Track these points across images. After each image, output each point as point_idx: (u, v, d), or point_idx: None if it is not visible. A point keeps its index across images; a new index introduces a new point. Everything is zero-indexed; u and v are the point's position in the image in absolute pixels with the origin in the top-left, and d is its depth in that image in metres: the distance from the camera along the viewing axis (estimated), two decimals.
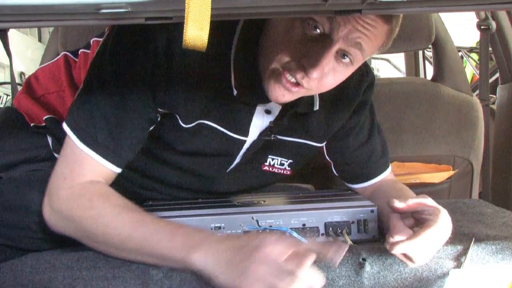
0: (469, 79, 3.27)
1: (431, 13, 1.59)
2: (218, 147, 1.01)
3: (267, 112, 1.00)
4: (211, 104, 0.95)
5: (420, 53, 2.90)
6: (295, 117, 1.03)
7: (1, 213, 0.93)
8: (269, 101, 0.95)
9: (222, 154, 1.04)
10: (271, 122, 1.01)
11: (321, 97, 1.03)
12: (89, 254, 0.88)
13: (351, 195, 1.16)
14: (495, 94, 1.86)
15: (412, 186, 1.18)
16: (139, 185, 1.08)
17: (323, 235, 0.95)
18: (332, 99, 1.05)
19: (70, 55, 1.16)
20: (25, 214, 0.93)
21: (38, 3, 0.53)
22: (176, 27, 0.86)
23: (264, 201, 1.09)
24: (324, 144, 1.13)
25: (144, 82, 0.90)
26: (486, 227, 1.04)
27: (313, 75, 0.84)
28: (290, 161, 1.11)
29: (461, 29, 3.36)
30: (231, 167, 1.07)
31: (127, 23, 0.87)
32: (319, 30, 0.84)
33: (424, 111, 1.67)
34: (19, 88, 1.45)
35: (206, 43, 0.52)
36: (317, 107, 1.03)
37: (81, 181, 0.89)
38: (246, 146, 1.03)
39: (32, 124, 1.09)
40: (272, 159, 1.10)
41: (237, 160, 1.06)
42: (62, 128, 1.07)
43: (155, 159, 1.04)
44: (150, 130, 0.97)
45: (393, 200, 0.87)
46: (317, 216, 0.96)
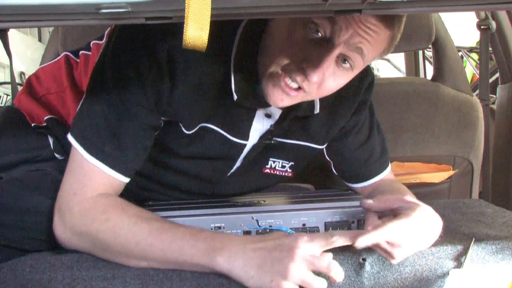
0: (469, 79, 3.27)
1: (431, 13, 1.59)
2: (219, 150, 1.01)
3: (268, 116, 1.00)
4: (212, 109, 0.95)
5: (420, 53, 2.90)
6: (295, 120, 1.03)
7: (1, 213, 0.92)
8: (269, 105, 0.95)
9: (223, 158, 1.04)
10: (271, 125, 1.01)
11: (322, 100, 1.02)
12: (89, 255, 0.88)
13: (351, 195, 1.16)
14: (495, 94, 1.86)
15: (412, 186, 1.18)
16: (140, 186, 1.08)
17: None
18: (333, 101, 1.05)
19: (71, 55, 1.16)
20: (26, 214, 0.92)
21: (38, 3, 0.53)
22: (176, 36, 0.86)
23: (264, 201, 1.09)
24: (325, 146, 1.13)
25: (147, 92, 0.89)
26: (486, 227, 1.04)
27: (313, 79, 0.83)
28: (291, 163, 1.11)
29: (461, 29, 3.36)
30: (232, 171, 1.07)
31: (127, 23, 0.88)
32: (320, 34, 0.83)
33: (424, 111, 1.67)
34: (19, 88, 1.45)
35: (206, 43, 0.52)
36: (317, 110, 1.03)
37: (92, 195, 0.88)
38: (246, 149, 1.03)
39: (33, 124, 1.09)
40: (273, 161, 1.09)
41: (238, 164, 1.06)
42: (63, 128, 1.07)
43: (156, 162, 1.03)
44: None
45: (364, 200, 0.88)
46: (317, 216, 0.96)
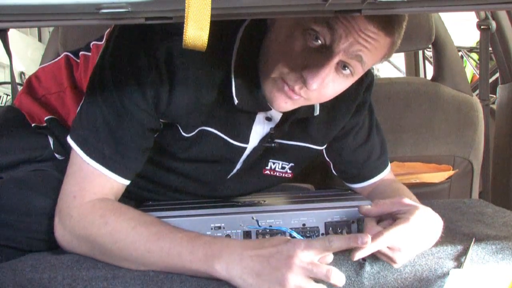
0: (469, 79, 3.27)
1: (431, 13, 1.59)
2: (219, 153, 1.01)
3: (268, 119, 1.00)
4: (212, 112, 0.95)
5: (420, 53, 2.90)
6: (295, 121, 1.02)
7: (1, 213, 0.92)
8: (269, 109, 0.95)
9: (223, 161, 1.04)
10: (271, 129, 1.01)
11: (321, 102, 1.02)
12: None
13: (351, 195, 1.16)
14: (495, 94, 1.86)
15: (412, 186, 1.18)
16: (140, 187, 1.08)
17: (323, 235, 0.95)
18: (332, 102, 1.04)
19: (71, 55, 1.16)
20: (26, 214, 0.92)
21: (38, 3, 0.53)
22: (176, 38, 0.86)
23: (264, 201, 1.09)
24: (325, 146, 1.13)
25: (146, 93, 0.89)
26: (486, 227, 1.04)
27: (313, 86, 0.83)
28: (291, 164, 1.11)
29: (461, 29, 3.36)
30: (232, 173, 1.07)
31: (127, 23, 0.87)
32: (320, 41, 0.83)
33: (424, 111, 1.67)
34: (19, 88, 1.45)
35: (206, 43, 0.52)
36: (317, 112, 1.03)
37: (91, 198, 0.88)
38: (246, 153, 1.03)
39: (33, 124, 1.09)
40: (273, 163, 1.09)
41: (238, 166, 1.06)
42: (63, 128, 1.07)
43: (156, 165, 1.03)
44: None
45: (362, 206, 0.88)
46: (317, 216, 0.96)
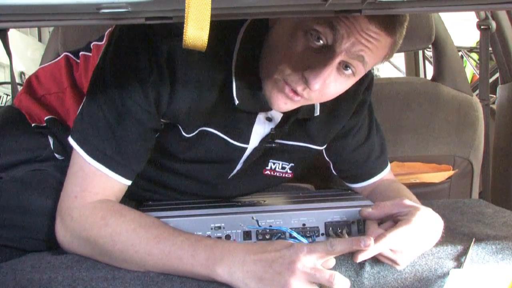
0: (469, 79, 3.27)
1: (431, 13, 1.59)
2: (220, 154, 1.01)
3: (268, 119, 1.00)
4: (213, 113, 0.95)
5: (420, 53, 2.90)
6: (296, 122, 1.02)
7: (1, 213, 0.92)
8: (270, 109, 0.95)
9: (223, 161, 1.04)
10: (272, 129, 1.01)
11: (322, 102, 1.02)
12: None
13: (351, 195, 1.16)
14: (495, 94, 1.86)
15: (412, 186, 1.18)
16: (141, 187, 1.08)
17: (323, 235, 0.96)
18: (332, 102, 1.04)
19: (71, 55, 1.16)
20: (26, 214, 0.92)
21: (38, 3, 0.53)
22: (177, 38, 0.85)
23: (264, 201, 1.09)
24: (325, 146, 1.13)
25: (147, 93, 0.89)
26: (486, 227, 1.04)
27: (314, 87, 0.83)
28: (291, 164, 1.11)
29: (461, 29, 3.36)
30: (232, 173, 1.07)
31: (127, 23, 0.87)
32: (322, 42, 0.83)
33: (424, 111, 1.67)
34: (19, 88, 1.45)
35: (206, 43, 0.52)
36: (317, 113, 1.03)
37: (92, 199, 0.88)
38: (247, 153, 1.03)
39: (33, 124, 1.09)
40: (274, 163, 1.09)
41: (238, 167, 1.06)
42: (63, 128, 1.07)
43: (156, 165, 1.03)
44: None
45: (363, 209, 0.88)
46: (317, 216, 0.96)
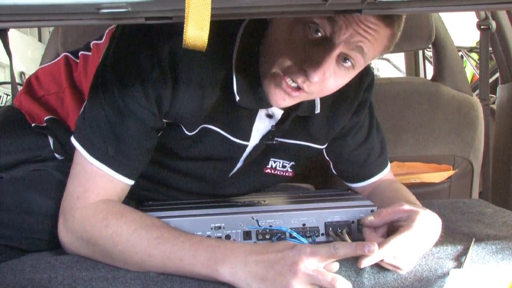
0: (469, 79, 3.27)
1: (431, 13, 1.59)
2: (221, 151, 1.01)
3: (269, 116, 1.00)
4: (214, 110, 0.95)
5: (420, 53, 2.90)
6: (296, 120, 1.02)
7: (1, 213, 0.92)
8: (270, 106, 0.95)
9: (224, 159, 1.04)
10: (272, 126, 1.01)
11: (322, 100, 1.02)
12: None
13: (351, 195, 1.16)
14: (495, 94, 1.86)
15: (412, 186, 1.18)
16: (141, 187, 1.07)
17: (323, 235, 0.96)
18: (333, 101, 1.05)
19: (70, 56, 1.16)
20: (26, 214, 0.92)
21: (38, 3, 0.53)
22: (178, 37, 0.85)
23: (264, 201, 1.09)
24: (325, 146, 1.13)
25: (149, 93, 0.89)
26: (486, 227, 1.04)
27: (314, 79, 0.83)
28: (292, 163, 1.11)
29: (461, 29, 3.36)
30: (233, 171, 1.07)
31: (127, 23, 0.88)
32: (320, 34, 0.83)
33: (424, 111, 1.67)
34: (19, 88, 1.45)
35: (206, 43, 0.52)
36: (318, 110, 1.03)
37: (95, 199, 0.88)
38: (248, 150, 1.03)
39: (33, 124, 1.09)
40: (274, 161, 1.09)
41: (239, 165, 1.06)
42: (63, 128, 1.07)
43: (157, 164, 1.03)
44: None
45: (364, 218, 0.89)
46: (317, 216, 0.96)
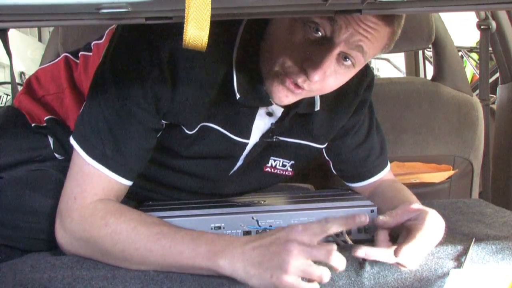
0: (469, 79, 3.28)
1: (431, 13, 1.59)
2: (221, 149, 1.01)
3: (269, 114, 1.00)
4: (213, 108, 0.95)
5: (420, 53, 2.90)
6: (296, 118, 1.02)
7: (1, 213, 0.92)
8: (271, 104, 0.95)
9: (224, 157, 1.03)
10: (272, 124, 1.01)
11: (322, 98, 1.03)
12: None
13: (351, 195, 1.16)
14: (495, 94, 1.86)
15: (412, 186, 1.18)
16: (141, 186, 1.07)
17: None
18: (333, 100, 1.05)
19: (70, 56, 1.16)
20: (26, 214, 0.92)
21: (38, 3, 0.53)
22: (178, 37, 0.85)
23: (264, 201, 1.09)
24: (325, 145, 1.13)
25: (148, 93, 0.89)
26: (486, 227, 1.04)
27: (314, 78, 0.83)
28: (292, 162, 1.11)
29: (461, 29, 3.36)
30: (233, 170, 1.07)
31: (127, 23, 0.87)
32: (320, 33, 0.83)
33: (424, 111, 1.67)
34: (19, 88, 1.45)
35: (206, 43, 0.52)
36: (318, 108, 1.03)
37: (92, 200, 0.88)
38: (248, 148, 1.03)
39: (33, 124, 1.09)
40: (274, 160, 1.09)
41: (239, 163, 1.06)
42: (63, 129, 1.07)
43: (157, 163, 1.03)
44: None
45: (377, 218, 0.88)
46: (317, 216, 0.95)
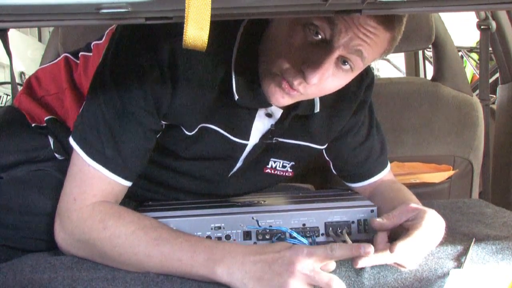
0: (469, 79, 3.27)
1: (431, 13, 1.59)
2: (220, 151, 1.01)
3: (268, 115, 1.00)
4: (213, 109, 0.95)
5: (420, 53, 2.90)
6: (296, 119, 1.02)
7: (1, 213, 0.92)
8: (270, 105, 0.95)
9: (224, 158, 1.03)
10: (272, 125, 1.01)
11: (322, 99, 1.02)
12: None
13: (351, 195, 1.16)
14: (495, 94, 1.86)
15: (412, 186, 1.18)
16: (141, 187, 1.08)
17: (323, 235, 0.96)
18: (333, 101, 1.05)
19: (70, 56, 1.16)
20: (26, 214, 0.92)
21: (38, 3, 0.53)
22: (178, 38, 0.85)
23: (264, 201, 1.09)
24: (325, 146, 1.13)
25: (148, 94, 0.89)
26: (486, 227, 1.04)
27: (312, 81, 0.83)
28: (292, 163, 1.11)
29: (461, 29, 3.36)
30: (233, 171, 1.07)
31: (127, 23, 0.87)
32: (320, 36, 0.83)
33: (424, 111, 1.67)
34: (19, 88, 1.45)
35: (206, 43, 0.52)
36: (317, 109, 1.03)
37: (91, 201, 0.88)
38: (247, 149, 1.03)
39: (33, 125, 1.09)
40: (274, 161, 1.09)
41: (239, 164, 1.06)
42: (63, 129, 1.07)
43: (157, 164, 1.03)
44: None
45: (374, 220, 0.87)
46: (317, 216, 0.96)
